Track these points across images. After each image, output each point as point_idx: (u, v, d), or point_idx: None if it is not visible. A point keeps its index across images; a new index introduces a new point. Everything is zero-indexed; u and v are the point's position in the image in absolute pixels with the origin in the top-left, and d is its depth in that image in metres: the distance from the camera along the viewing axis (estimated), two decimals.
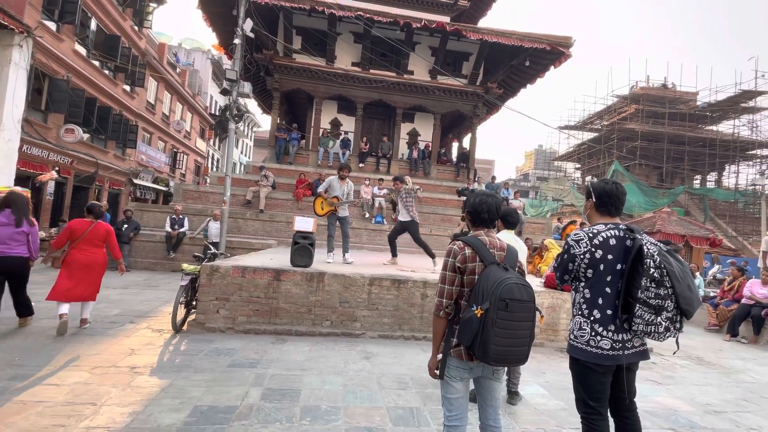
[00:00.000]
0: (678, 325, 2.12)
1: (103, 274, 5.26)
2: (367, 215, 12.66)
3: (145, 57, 19.24)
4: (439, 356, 2.08)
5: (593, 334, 2.17)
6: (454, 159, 17.51)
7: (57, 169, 13.42)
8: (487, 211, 2.17)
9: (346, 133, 16.21)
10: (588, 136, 28.41)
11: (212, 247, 7.51)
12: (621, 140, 24.43)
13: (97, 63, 15.90)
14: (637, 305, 2.05)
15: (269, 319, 5.43)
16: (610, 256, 2.16)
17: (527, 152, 63.76)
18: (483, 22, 18.13)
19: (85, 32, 14.89)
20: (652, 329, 2.08)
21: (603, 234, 2.19)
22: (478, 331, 1.87)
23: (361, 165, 15.13)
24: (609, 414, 2.28)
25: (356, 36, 14.98)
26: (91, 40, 15.33)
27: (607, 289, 2.17)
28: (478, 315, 1.87)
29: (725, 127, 25.75)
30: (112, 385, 3.48)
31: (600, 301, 2.17)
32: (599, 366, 2.16)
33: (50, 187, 13.72)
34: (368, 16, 12.92)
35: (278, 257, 7.05)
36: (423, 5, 15.63)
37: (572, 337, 2.26)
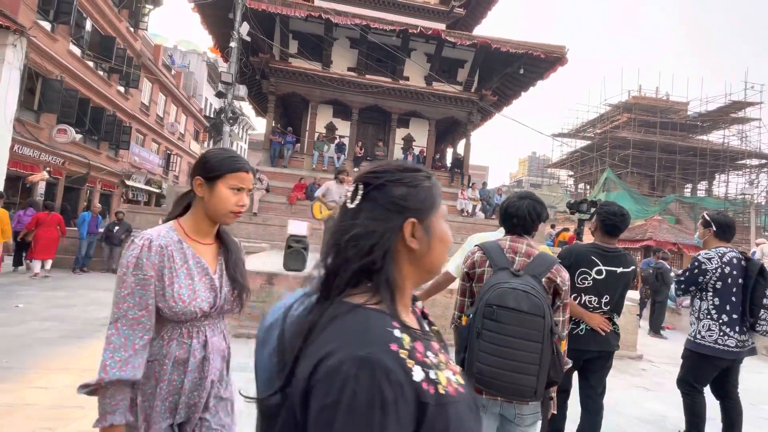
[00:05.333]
0: None
1: (57, 243, 8.75)
2: None
3: (140, 58, 19.17)
4: None
5: (721, 334, 2.76)
6: (449, 165, 17.59)
7: (48, 169, 13.30)
8: (515, 215, 1.83)
9: (341, 137, 16.24)
10: (581, 143, 28.67)
11: None
12: (613, 148, 24.69)
13: (91, 64, 15.82)
14: (762, 310, 2.70)
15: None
16: (735, 272, 2.77)
17: (521, 159, 64.31)
18: (478, 30, 18.33)
19: (80, 33, 14.82)
20: None
21: (728, 255, 2.82)
22: (467, 343, 1.62)
23: (356, 169, 15.12)
24: (716, 396, 2.99)
25: (352, 41, 15.05)
26: (86, 41, 15.25)
27: (733, 298, 2.78)
28: (463, 323, 1.69)
29: (715, 137, 26.14)
30: None
31: (728, 307, 2.77)
32: (723, 360, 2.79)
33: (41, 188, 13.58)
34: (365, 22, 12.99)
35: (271, 261, 7.02)
36: (419, 12, 15.75)
37: (699, 336, 2.85)
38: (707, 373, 2.89)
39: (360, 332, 0.60)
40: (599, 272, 2.45)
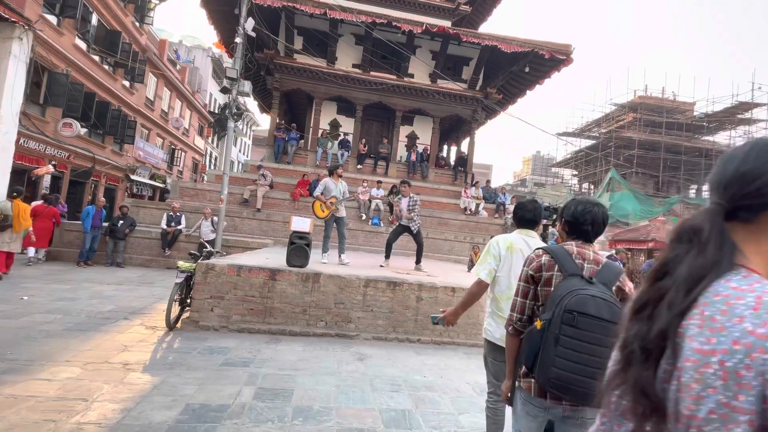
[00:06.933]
0: None
1: (51, 234, 9.49)
2: (364, 217, 12.67)
3: (146, 53, 19.20)
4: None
5: None
6: (452, 163, 17.56)
7: (54, 163, 13.37)
8: (591, 222, 1.81)
9: (345, 134, 16.24)
10: (586, 143, 28.55)
11: (208, 245, 7.50)
12: (618, 148, 24.58)
13: (97, 58, 15.86)
14: None
15: (263, 318, 5.43)
16: None
17: (525, 158, 64.01)
18: (484, 28, 18.26)
19: (86, 27, 14.84)
20: None
21: None
22: (539, 348, 1.59)
23: (359, 167, 15.15)
24: None
25: (357, 38, 15.02)
26: (92, 35, 15.28)
27: None
28: (538, 327, 1.62)
29: (722, 138, 25.97)
30: (104, 381, 3.47)
31: None
32: None
33: (46, 181, 13.65)
34: (370, 19, 12.96)
35: (274, 257, 7.05)
36: (424, 9, 15.69)
37: None
38: None
39: None
40: None
